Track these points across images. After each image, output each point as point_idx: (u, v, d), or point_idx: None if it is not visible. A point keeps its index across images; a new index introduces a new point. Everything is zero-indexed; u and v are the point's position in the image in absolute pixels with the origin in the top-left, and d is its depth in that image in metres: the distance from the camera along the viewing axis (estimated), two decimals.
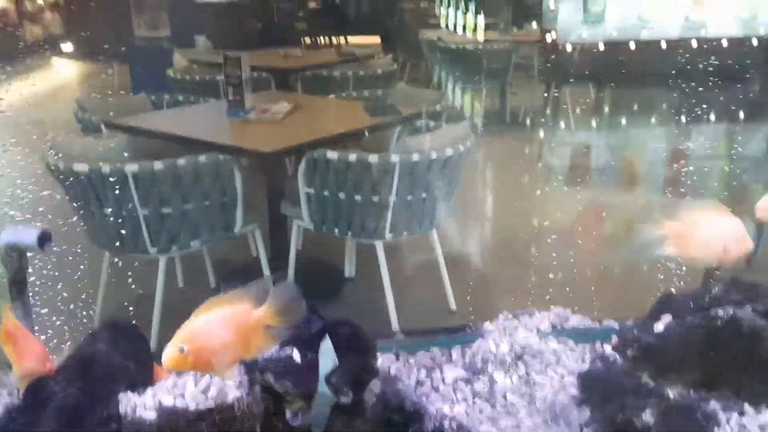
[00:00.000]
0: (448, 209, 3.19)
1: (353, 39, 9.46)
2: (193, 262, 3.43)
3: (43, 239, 1.24)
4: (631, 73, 5.07)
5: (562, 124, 5.58)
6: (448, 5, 7.29)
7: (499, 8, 7.43)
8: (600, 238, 3.91)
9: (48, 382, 1.05)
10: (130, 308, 3.09)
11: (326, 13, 10.50)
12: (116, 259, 2.97)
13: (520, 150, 5.69)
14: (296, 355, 1.00)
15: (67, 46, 9.78)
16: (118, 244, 2.79)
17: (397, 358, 1.26)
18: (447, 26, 7.38)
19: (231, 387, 1.02)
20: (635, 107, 5.44)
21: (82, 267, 3.16)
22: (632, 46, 5.27)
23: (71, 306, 2.92)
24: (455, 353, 1.27)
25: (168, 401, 1.04)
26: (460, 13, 6.86)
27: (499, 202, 5.04)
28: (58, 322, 2.61)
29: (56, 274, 3.04)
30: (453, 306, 3.24)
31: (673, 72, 4.89)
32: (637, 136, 5.49)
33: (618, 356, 1.17)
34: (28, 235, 1.23)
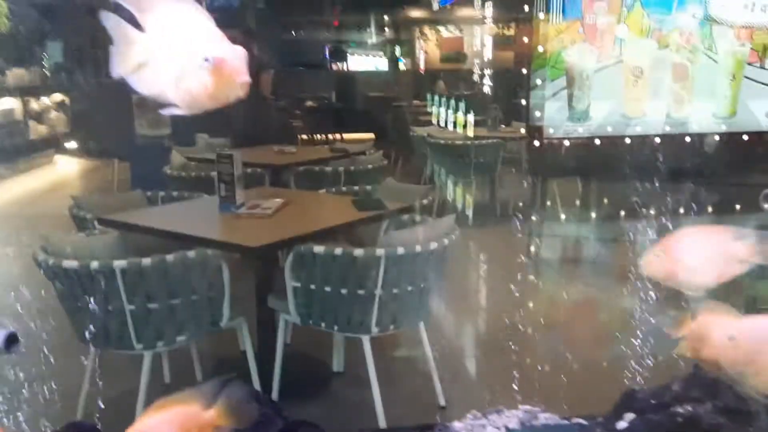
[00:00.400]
0: (435, 302, 3.20)
1: (347, 135, 9.78)
2: (179, 357, 3.41)
3: (10, 341, 1.26)
4: (616, 168, 5.21)
5: (550, 217, 5.67)
6: (439, 104, 7.59)
7: (487, 106, 7.74)
8: (594, 332, 3.89)
9: None
10: (114, 404, 3.04)
11: (321, 111, 10.90)
12: (97, 363, 2.96)
13: (509, 242, 5.76)
14: None
15: (71, 144, 10.09)
16: (103, 339, 2.79)
17: None
18: (437, 123, 7.65)
19: None
20: (621, 200, 5.55)
21: (66, 363, 3.15)
22: (616, 141, 5.45)
23: (55, 402, 2.89)
24: None
25: None
26: (450, 111, 7.12)
27: (490, 294, 5.05)
28: (41, 418, 2.58)
29: (41, 369, 3.03)
30: (442, 401, 3.20)
31: (657, 167, 5.02)
32: (624, 229, 5.58)
33: None
34: None
